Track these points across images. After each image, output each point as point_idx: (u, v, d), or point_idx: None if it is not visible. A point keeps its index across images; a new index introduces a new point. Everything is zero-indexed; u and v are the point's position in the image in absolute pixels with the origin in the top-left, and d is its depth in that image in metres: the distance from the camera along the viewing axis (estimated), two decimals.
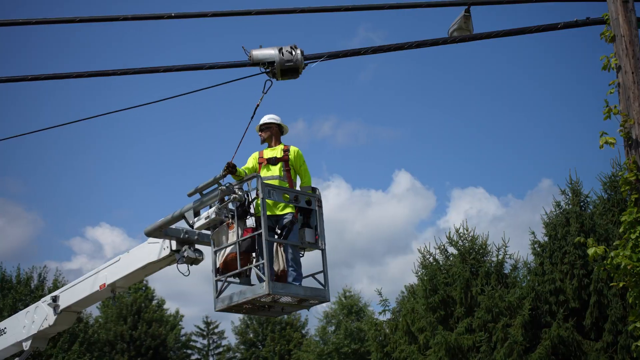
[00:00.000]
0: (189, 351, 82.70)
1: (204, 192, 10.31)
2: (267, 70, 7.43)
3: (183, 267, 10.79)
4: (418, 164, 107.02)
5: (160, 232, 10.76)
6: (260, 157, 10.81)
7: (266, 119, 10.96)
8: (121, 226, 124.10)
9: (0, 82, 7.01)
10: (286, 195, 10.29)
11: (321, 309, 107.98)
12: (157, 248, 11.23)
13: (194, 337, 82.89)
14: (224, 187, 10.01)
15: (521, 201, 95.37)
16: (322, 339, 69.31)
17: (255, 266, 9.82)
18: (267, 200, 9.95)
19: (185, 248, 10.80)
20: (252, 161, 10.84)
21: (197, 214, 10.41)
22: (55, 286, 44.30)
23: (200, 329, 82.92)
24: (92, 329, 46.38)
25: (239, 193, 9.95)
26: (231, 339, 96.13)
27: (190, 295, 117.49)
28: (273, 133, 10.96)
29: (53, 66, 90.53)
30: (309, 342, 71.14)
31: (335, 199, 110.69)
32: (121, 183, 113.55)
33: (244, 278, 10.23)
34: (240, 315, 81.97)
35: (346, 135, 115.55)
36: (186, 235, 10.80)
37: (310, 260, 10.83)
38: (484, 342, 23.59)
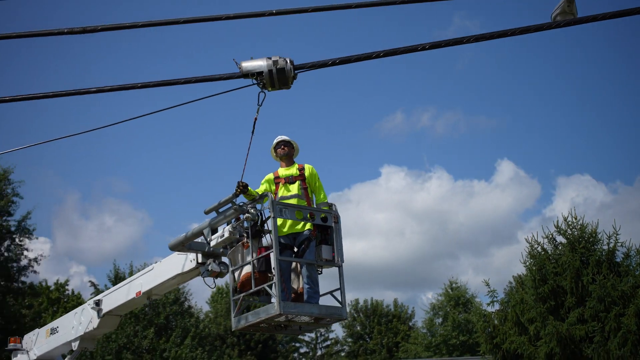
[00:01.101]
0: (298, 344, 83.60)
1: (220, 210, 10.32)
2: (257, 81, 7.32)
3: (210, 280, 10.82)
4: (521, 153, 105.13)
5: (183, 246, 10.86)
6: (276, 177, 10.92)
7: (286, 137, 11.17)
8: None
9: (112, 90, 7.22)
10: (299, 212, 10.29)
11: (427, 300, 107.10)
12: (183, 260, 11.44)
13: None
14: (237, 207, 10.01)
15: (630, 187, 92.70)
16: (429, 331, 68.98)
17: (268, 286, 9.75)
18: (285, 219, 10.13)
19: (210, 261, 10.77)
20: (266, 184, 10.91)
21: (214, 231, 10.46)
22: None
23: None
24: (203, 324, 47.38)
25: (252, 212, 9.94)
26: (338, 332, 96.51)
27: None
28: (291, 153, 11.13)
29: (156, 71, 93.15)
30: (416, 335, 70.91)
31: (437, 190, 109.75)
32: (225, 178, 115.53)
33: (264, 297, 10.23)
34: (348, 308, 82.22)
35: (446, 126, 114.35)
36: (211, 249, 10.76)
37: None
38: (597, 332, 23.05)
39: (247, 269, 10.12)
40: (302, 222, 10.40)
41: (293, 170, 10.95)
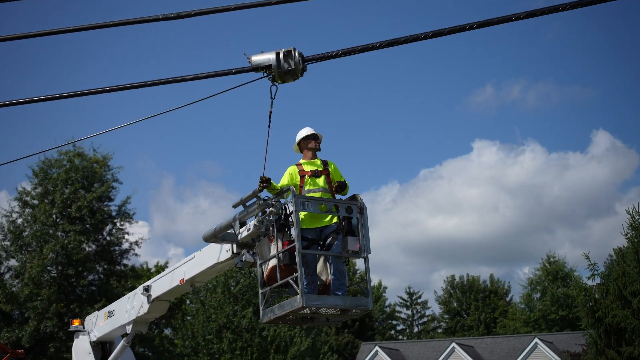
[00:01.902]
0: (394, 322, 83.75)
1: (247, 204, 10.40)
2: (267, 74, 7.35)
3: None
4: (617, 122, 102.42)
5: (216, 238, 10.98)
6: (302, 170, 10.81)
7: (313, 129, 11.16)
8: None
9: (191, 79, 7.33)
10: (323, 205, 10.21)
11: (524, 275, 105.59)
12: (220, 250, 11.61)
13: (397, 308, 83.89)
14: (261, 201, 10.05)
15: None
16: (527, 306, 68.11)
17: (292, 279, 9.68)
18: (309, 212, 10.10)
19: (244, 252, 10.86)
20: (290, 177, 10.76)
21: (243, 224, 10.55)
22: None
23: (404, 299, 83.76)
24: None
25: (276, 206, 9.97)
26: (435, 308, 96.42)
27: (390, 266, 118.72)
28: (319, 145, 11.16)
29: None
30: (514, 310, 70.13)
31: (531, 164, 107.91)
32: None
33: (292, 289, 10.13)
34: (443, 285, 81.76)
35: (537, 97, 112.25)
36: (240, 241, 10.83)
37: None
38: None
39: (273, 262, 10.09)
40: (329, 216, 10.39)
41: (317, 165, 10.90)
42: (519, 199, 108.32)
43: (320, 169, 10.82)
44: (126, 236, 45.71)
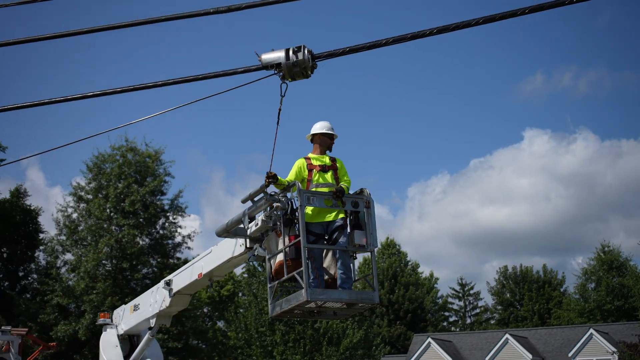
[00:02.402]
0: (447, 313, 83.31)
1: (255, 199, 10.46)
2: (277, 72, 7.37)
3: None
4: None
5: (228, 233, 11.04)
6: (310, 164, 10.82)
7: (332, 128, 11.14)
8: None
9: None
10: (328, 200, 10.20)
11: (578, 265, 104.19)
12: (234, 245, 11.65)
13: (450, 299, 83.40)
14: (268, 196, 10.09)
15: None
16: (582, 296, 67.16)
17: (297, 273, 9.68)
18: (315, 207, 10.18)
19: (257, 246, 10.80)
20: (298, 171, 10.75)
21: (252, 219, 10.59)
22: None
23: (456, 290, 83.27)
24: None
25: (282, 201, 10.00)
26: (487, 299, 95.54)
27: (442, 257, 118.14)
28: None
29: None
30: (568, 300, 69.20)
31: (583, 152, 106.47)
32: (367, 151, 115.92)
33: (299, 283, 10.09)
34: (496, 275, 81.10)
35: (589, 84, 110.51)
36: (254, 235, 10.83)
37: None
38: None
39: (281, 256, 10.10)
40: (335, 211, 10.40)
41: (326, 160, 10.90)
42: (572, 188, 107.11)
43: (328, 165, 10.84)
44: (179, 230, 46.16)
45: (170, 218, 45.77)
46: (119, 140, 45.37)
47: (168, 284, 13.85)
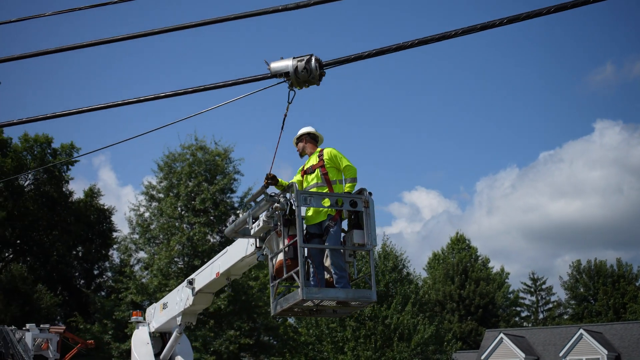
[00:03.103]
0: (518, 308, 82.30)
1: (258, 200, 10.71)
2: (285, 80, 7.42)
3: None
4: None
5: (236, 233, 11.34)
6: (303, 168, 11.08)
7: (302, 131, 11.33)
8: (436, 188, 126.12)
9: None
10: (327, 200, 10.27)
11: None
12: (247, 245, 11.89)
13: (521, 294, 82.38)
14: (268, 197, 10.29)
15: None
16: None
17: (294, 272, 9.79)
18: (311, 208, 10.37)
19: (265, 246, 10.99)
20: (297, 177, 11.12)
21: (256, 219, 10.75)
22: (384, 251, 46.07)
23: (527, 285, 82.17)
24: (423, 290, 47.57)
25: (282, 202, 10.12)
26: (560, 294, 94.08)
27: (512, 252, 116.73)
28: (305, 143, 11.27)
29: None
30: None
31: None
32: (434, 145, 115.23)
33: (305, 281, 10.27)
34: (568, 270, 79.79)
35: None
36: (257, 235, 11.02)
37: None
38: None
39: (281, 256, 10.28)
40: (323, 211, 10.44)
41: (313, 160, 11.00)
42: None
43: (314, 163, 10.93)
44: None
45: (241, 215, 46.14)
46: (189, 139, 45.98)
47: (191, 282, 14.12)
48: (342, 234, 10.52)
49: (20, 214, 55.57)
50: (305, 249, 10.17)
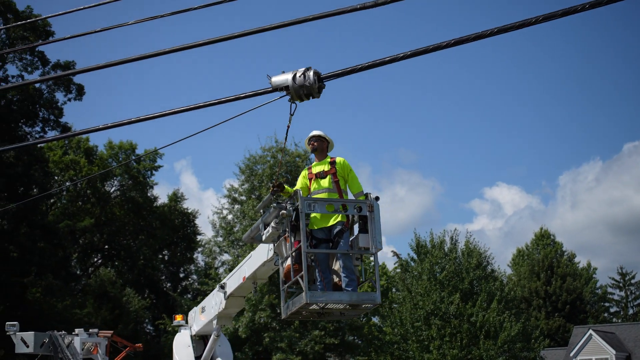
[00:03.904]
0: (607, 304, 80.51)
1: (267, 208, 11.15)
2: (287, 94, 7.52)
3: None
4: None
5: (252, 239, 11.74)
6: (310, 173, 11.36)
7: (318, 132, 11.58)
8: (518, 183, 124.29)
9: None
10: (330, 205, 10.67)
11: None
12: (267, 250, 12.07)
13: (609, 289, 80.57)
14: (276, 204, 10.66)
15: None
16: None
17: (299, 277, 10.14)
18: (316, 213, 10.72)
19: (276, 251, 11.30)
20: (302, 180, 11.42)
21: (268, 225, 11.09)
22: (467, 248, 45.59)
23: (616, 280, 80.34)
24: (508, 287, 46.94)
25: (288, 208, 10.42)
26: None
27: (598, 246, 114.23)
28: (323, 147, 11.52)
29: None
30: None
31: None
32: (515, 141, 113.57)
33: (313, 285, 10.67)
34: None
35: None
36: (268, 241, 11.38)
37: None
38: None
39: (289, 261, 10.62)
40: (334, 216, 10.79)
41: (324, 166, 11.29)
42: None
43: (326, 169, 11.23)
44: None
45: None
46: (269, 141, 46.34)
47: (222, 287, 14.34)
48: (351, 239, 10.93)
49: (108, 220, 57.03)
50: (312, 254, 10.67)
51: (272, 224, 10.85)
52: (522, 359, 43.75)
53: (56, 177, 52.15)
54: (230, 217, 46.60)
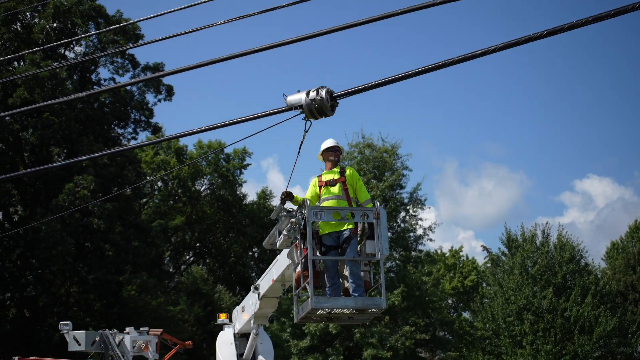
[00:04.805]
0: None
1: (279, 216, 11.45)
2: (301, 112, 7.68)
3: None
4: None
5: (271, 245, 11.90)
6: (320, 181, 11.77)
7: (334, 142, 12.05)
8: (610, 175, 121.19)
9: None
10: (337, 213, 10.98)
11: None
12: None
13: None
14: (286, 213, 11.07)
15: None
16: None
17: (306, 283, 10.57)
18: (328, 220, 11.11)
19: (288, 257, 11.69)
20: (312, 188, 11.86)
21: (281, 232, 11.40)
22: (560, 241, 44.71)
23: None
24: (603, 281, 45.86)
25: (298, 217, 10.76)
26: None
27: None
28: (338, 157, 12.03)
29: None
30: None
31: None
32: (606, 131, 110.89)
33: (322, 290, 11.19)
34: None
35: None
36: (282, 247, 11.73)
37: None
38: None
39: (300, 267, 11.09)
40: (344, 223, 11.16)
41: (334, 174, 11.72)
42: None
43: (336, 177, 11.65)
44: (419, 222, 46.44)
45: (411, 211, 46.17)
46: (356, 137, 46.42)
47: (257, 288, 14.69)
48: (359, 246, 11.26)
49: (199, 218, 58.00)
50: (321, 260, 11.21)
51: (284, 231, 11.19)
52: (618, 354, 42.73)
53: (148, 177, 53.34)
54: None
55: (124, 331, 23.59)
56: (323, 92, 7.45)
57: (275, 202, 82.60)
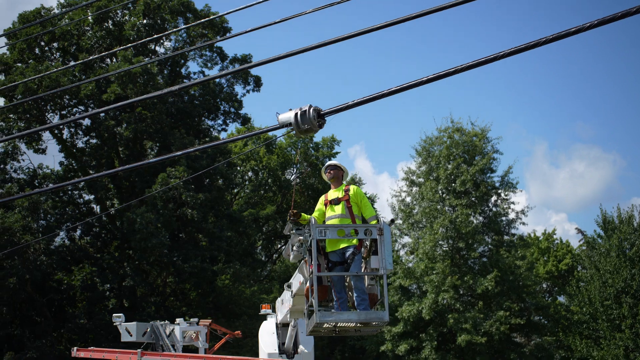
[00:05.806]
0: None
1: (290, 233, 12.06)
2: (292, 130, 7.87)
3: None
4: None
5: (288, 256, 12.35)
6: (325, 199, 12.37)
7: (334, 162, 12.68)
8: None
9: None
10: (341, 231, 11.39)
11: None
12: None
13: None
14: (293, 232, 11.75)
15: None
16: None
17: (313, 297, 11.07)
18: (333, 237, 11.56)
19: (298, 272, 12.37)
20: (319, 206, 12.43)
21: (293, 247, 12.01)
22: None
23: None
24: None
25: (305, 235, 11.35)
26: None
27: None
28: (338, 175, 12.56)
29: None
30: None
31: None
32: None
33: (330, 304, 11.74)
34: None
35: None
36: (294, 261, 12.29)
37: None
38: None
39: (308, 282, 11.63)
40: (347, 239, 11.56)
41: (339, 193, 12.29)
42: None
43: (340, 196, 12.21)
44: (511, 206, 45.89)
45: (502, 195, 45.64)
46: (445, 122, 46.16)
47: (289, 286, 14.89)
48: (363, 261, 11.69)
49: (289, 207, 58.45)
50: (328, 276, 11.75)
51: (294, 247, 11.90)
52: None
53: (238, 168, 54.05)
54: (408, 199, 46.80)
55: (175, 322, 24.19)
56: (311, 111, 7.68)
57: (365, 188, 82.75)
